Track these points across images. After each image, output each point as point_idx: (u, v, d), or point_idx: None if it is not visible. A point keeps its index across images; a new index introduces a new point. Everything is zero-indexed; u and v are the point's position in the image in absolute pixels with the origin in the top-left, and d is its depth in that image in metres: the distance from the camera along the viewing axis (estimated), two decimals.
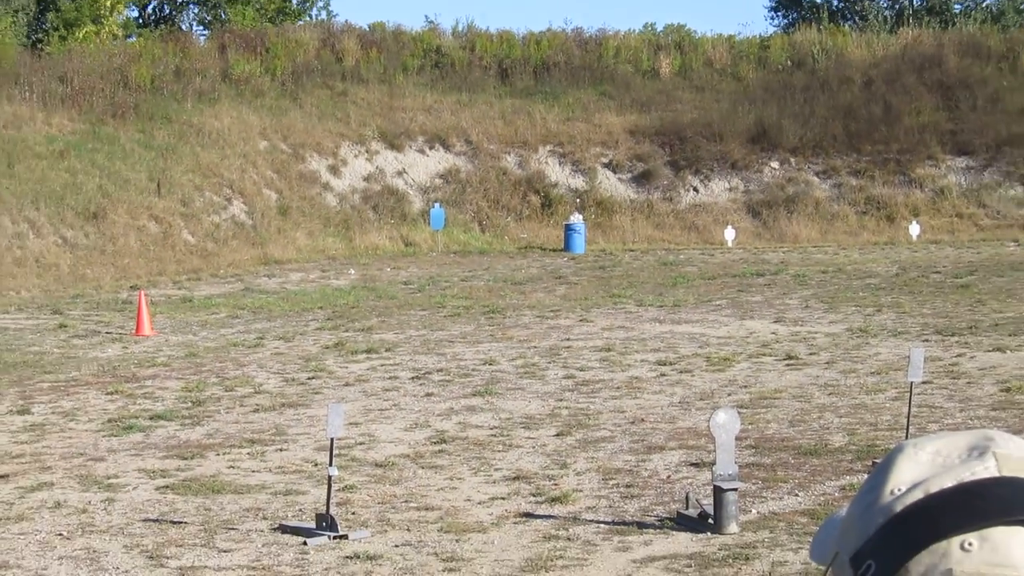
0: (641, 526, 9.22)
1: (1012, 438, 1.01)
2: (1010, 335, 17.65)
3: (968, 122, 37.54)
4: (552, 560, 8.54)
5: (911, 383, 10.78)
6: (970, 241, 32.78)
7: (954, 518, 0.95)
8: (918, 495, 0.99)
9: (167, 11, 53.13)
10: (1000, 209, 35.54)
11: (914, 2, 49.88)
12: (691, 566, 8.32)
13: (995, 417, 12.50)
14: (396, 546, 8.97)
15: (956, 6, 49.59)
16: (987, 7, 50.00)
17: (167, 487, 10.58)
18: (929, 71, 39.63)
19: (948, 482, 0.98)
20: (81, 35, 43.66)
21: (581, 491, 10.30)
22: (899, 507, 0.99)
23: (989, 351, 16.31)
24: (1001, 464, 0.99)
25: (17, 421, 13.50)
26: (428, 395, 14.78)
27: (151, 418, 13.52)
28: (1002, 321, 18.95)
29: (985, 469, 0.98)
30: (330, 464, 9.50)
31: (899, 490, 1.00)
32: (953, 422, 12.15)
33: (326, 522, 9.20)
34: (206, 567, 8.50)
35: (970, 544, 0.93)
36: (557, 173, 37.10)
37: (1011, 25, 46.70)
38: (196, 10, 52.99)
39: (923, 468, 1.02)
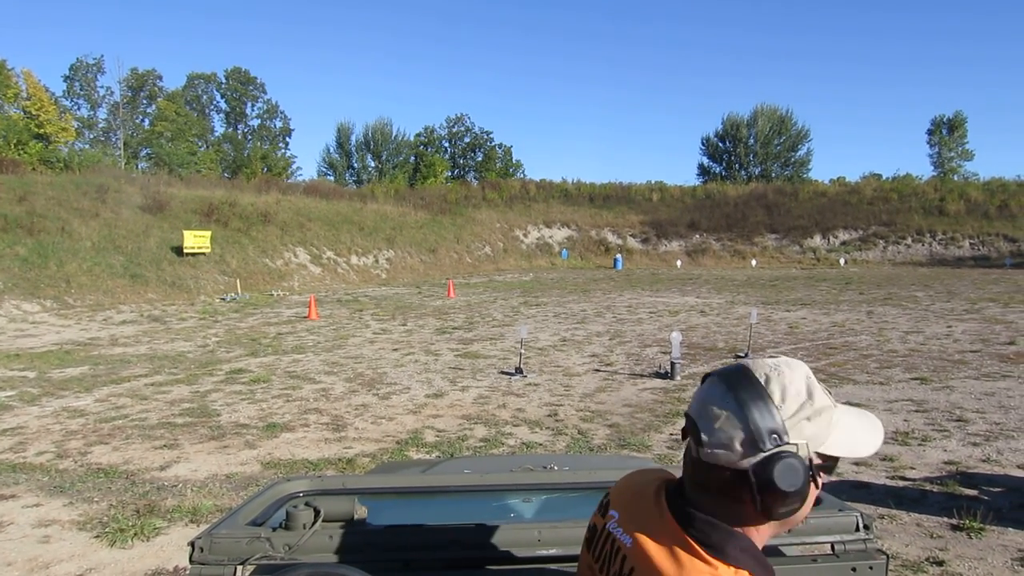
0: (641, 376, 8.82)
1: (760, 358, 0.95)
2: (792, 304, 16.56)
3: (776, 221, 35.39)
4: (606, 388, 8.19)
5: (751, 323, 10.28)
6: (776, 268, 30.80)
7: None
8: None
9: (461, 174, 52.15)
10: (789, 256, 33.23)
11: (756, 171, 46.59)
12: (661, 392, 7.95)
13: (786, 333, 11.66)
14: (546, 380, 8.62)
15: (773, 174, 46.18)
16: (785, 174, 46.52)
17: (458, 355, 10.32)
18: (761, 200, 37.55)
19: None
20: (429, 181, 43.71)
21: (617, 361, 9.84)
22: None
23: (784, 312, 15.27)
24: (754, 368, 0.91)
25: (400, 328, 13.14)
26: (559, 322, 14.04)
27: (452, 328, 13.01)
28: (789, 299, 17.72)
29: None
30: (521, 347, 9.27)
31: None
32: (766, 340, 11.23)
33: (519, 369, 8.87)
34: (471, 386, 8.24)
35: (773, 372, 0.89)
36: (611, 238, 35.67)
37: (795, 181, 43.66)
38: (473, 173, 51.86)
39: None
